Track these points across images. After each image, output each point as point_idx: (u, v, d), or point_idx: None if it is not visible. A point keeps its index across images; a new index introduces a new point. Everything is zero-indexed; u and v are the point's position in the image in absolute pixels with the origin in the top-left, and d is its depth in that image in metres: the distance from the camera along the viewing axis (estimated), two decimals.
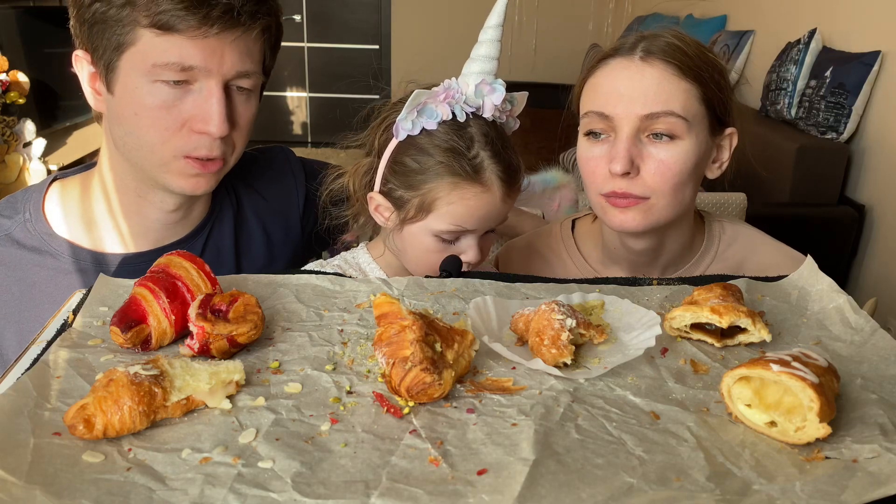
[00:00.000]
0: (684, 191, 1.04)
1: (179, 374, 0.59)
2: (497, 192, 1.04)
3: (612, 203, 1.04)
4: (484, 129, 1.04)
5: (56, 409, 0.57)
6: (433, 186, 1.03)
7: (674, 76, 1.00)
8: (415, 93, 1.02)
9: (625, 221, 1.04)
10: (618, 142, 1.02)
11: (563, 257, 1.22)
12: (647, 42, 1.03)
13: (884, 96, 2.87)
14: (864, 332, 0.72)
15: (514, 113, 1.11)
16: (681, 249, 1.14)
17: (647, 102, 1.00)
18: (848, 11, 3.13)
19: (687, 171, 1.02)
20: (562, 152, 1.55)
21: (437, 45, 6.63)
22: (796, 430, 0.56)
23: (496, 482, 0.51)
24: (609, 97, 1.03)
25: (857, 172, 3.00)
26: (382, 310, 0.64)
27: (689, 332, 0.72)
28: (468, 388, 0.63)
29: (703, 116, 1.03)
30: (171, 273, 0.72)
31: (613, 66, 1.04)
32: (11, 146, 3.43)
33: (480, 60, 1.03)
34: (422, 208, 1.04)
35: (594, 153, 1.06)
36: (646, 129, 1.01)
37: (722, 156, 1.09)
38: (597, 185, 1.06)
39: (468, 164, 1.02)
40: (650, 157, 1.01)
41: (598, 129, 1.05)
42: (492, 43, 1.03)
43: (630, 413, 0.60)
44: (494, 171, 1.03)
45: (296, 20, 6.69)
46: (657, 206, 1.03)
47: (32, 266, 1.05)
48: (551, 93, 6.19)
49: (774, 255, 1.12)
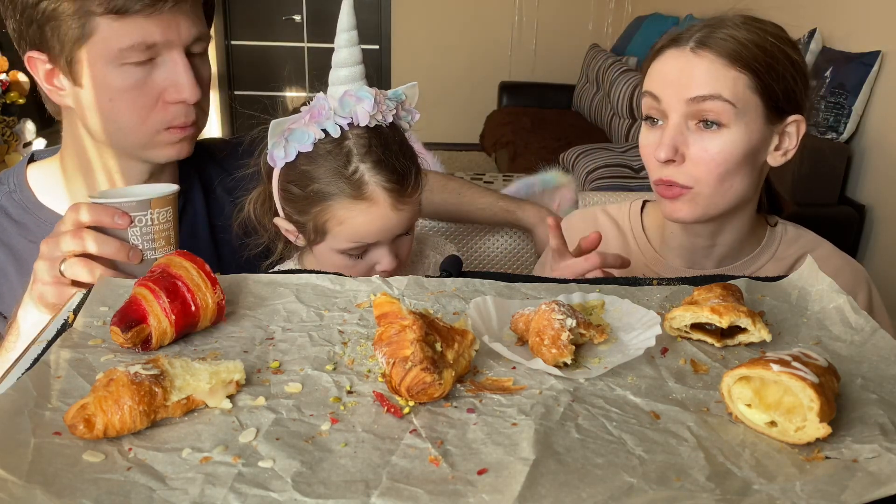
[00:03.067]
0: (732, 181, 1.03)
1: (180, 374, 0.59)
2: (385, 203, 1.01)
3: (660, 193, 1.06)
4: (363, 139, 1.01)
5: (56, 409, 0.57)
6: (319, 210, 1.02)
7: (723, 66, 1.00)
8: (272, 123, 1.00)
9: (674, 211, 1.06)
10: (666, 128, 1.03)
11: (628, 235, 1.23)
12: (704, 33, 1.03)
13: (884, 96, 2.87)
14: (864, 333, 0.72)
15: (407, 106, 1.08)
16: (738, 244, 1.14)
17: (694, 86, 1.00)
18: (848, 11, 3.13)
19: (734, 161, 1.01)
20: (562, 152, 1.55)
21: (437, 45, 6.64)
22: (796, 429, 0.56)
23: (496, 482, 0.51)
24: (660, 81, 1.05)
25: (857, 172, 3.00)
26: (383, 309, 0.64)
27: (690, 331, 0.72)
28: (468, 387, 0.63)
29: (756, 105, 1.01)
30: (171, 273, 0.72)
31: (668, 55, 1.05)
32: (11, 146, 3.44)
33: (340, 69, 1.00)
34: (317, 231, 1.04)
35: (649, 140, 1.07)
36: (694, 115, 1.01)
37: (786, 143, 1.06)
38: (651, 171, 1.08)
39: (347, 182, 0.99)
40: (695, 145, 1.02)
41: (653, 113, 1.06)
42: (347, 49, 1.00)
43: (630, 413, 0.60)
44: (377, 183, 1.00)
45: (296, 20, 6.70)
46: (702, 196, 1.03)
47: (17, 234, 1.08)
48: (551, 93, 6.25)
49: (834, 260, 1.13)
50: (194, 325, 0.71)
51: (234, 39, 6.82)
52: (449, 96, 6.70)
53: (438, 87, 6.70)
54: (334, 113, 0.99)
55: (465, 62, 6.66)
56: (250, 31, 6.79)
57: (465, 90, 6.71)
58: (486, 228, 1.67)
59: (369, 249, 1.05)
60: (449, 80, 6.68)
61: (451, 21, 6.58)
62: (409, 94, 1.07)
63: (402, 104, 1.06)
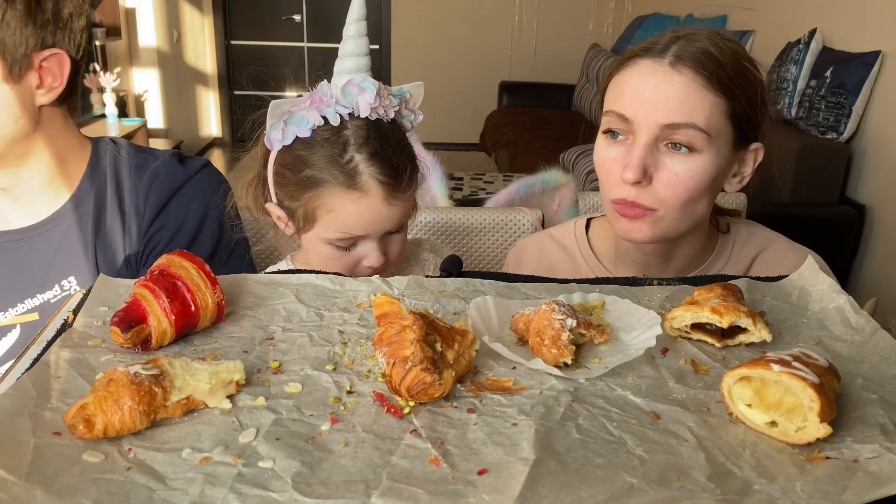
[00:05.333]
0: (696, 205, 1.01)
1: (179, 374, 0.59)
2: (377, 196, 1.00)
3: (620, 212, 1.01)
4: (362, 130, 1.00)
5: (56, 409, 0.57)
6: (311, 195, 1.01)
7: (702, 87, 0.95)
8: (272, 104, 1.00)
9: (631, 231, 1.02)
10: (634, 148, 0.98)
11: (576, 255, 1.20)
12: (680, 45, 0.98)
13: (884, 96, 2.87)
14: (864, 333, 0.72)
15: (411, 105, 1.07)
16: (692, 256, 1.12)
17: (669, 111, 0.95)
18: (848, 11, 3.13)
19: (702, 187, 0.98)
20: (562, 152, 1.55)
21: (437, 45, 6.64)
22: (797, 430, 0.55)
23: (497, 482, 0.51)
24: (632, 99, 0.98)
25: (857, 172, 3.00)
26: (383, 309, 0.64)
27: (690, 332, 0.72)
28: (468, 387, 0.63)
29: (728, 131, 0.99)
30: (171, 273, 0.72)
31: (642, 66, 0.99)
32: None
33: (346, 58, 1.00)
34: (307, 218, 1.03)
35: (610, 154, 1.02)
36: (665, 137, 0.97)
37: (744, 170, 1.05)
38: (609, 188, 1.02)
39: (341, 170, 0.99)
40: (665, 168, 0.97)
41: (617, 128, 1.01)
42: (355, 39, 0.99)
43: (630, 413, 0.60)
44: (371, 174, 0.99)
45: (296, 20, 6.70)
46: (666, 219, 1.00)
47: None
48: (551, 93, 6.26)
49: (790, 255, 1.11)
50: (194, 325, 0.71)
51: (234, 39, 6.82)
52: (449, 96, 6.71)
53: (438, 87, 6.70)
54: (336, 101, 0.99)
55: (465, 62, 6.66)
56: (250, 31, 6.79)
57: (465, 90, 6.71)
58: (486, 228, 1.67)
59: (357, 242, 1.04)
60: (449, 80, 6.69)
61: (451, 21, 6.58)
62: (414, 93, 1.07)
63: (406, 103, 1.06)
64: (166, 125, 5.58)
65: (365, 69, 1.00)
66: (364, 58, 1.00)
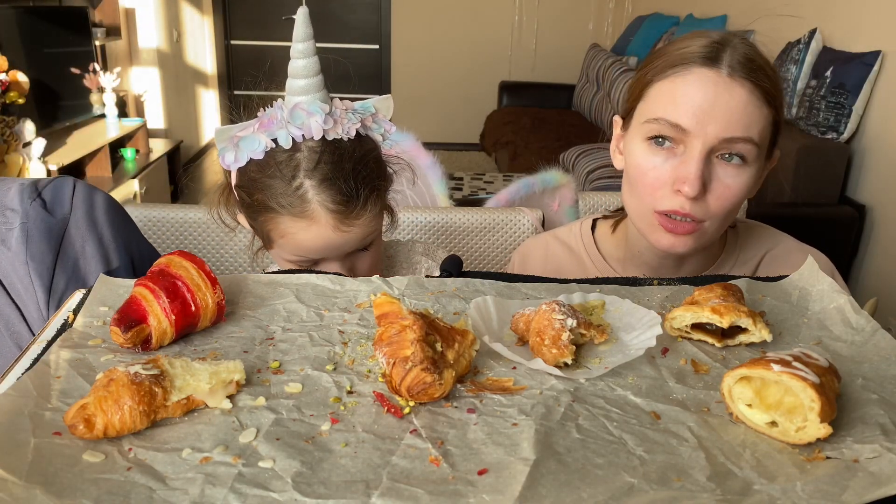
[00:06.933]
0: (734, 215, 1.01)
1: (180, 374, 0.59)
2: (327, 224, 0.96)
3: (667, 227, 0.98)
4: (314, 153, 0.96)
5: (56, 409, 0.57)
6: (264, 219, 0.99)
7: (759, 100, 0.94)
8: (216, 130, 0.97)
9: (675, 245, 0.99)
10: (689, 160, 0.95)
11: (583, 256, 1.20)
12: (730, 54, 0.95)
13: (884, 96, 2.87)
14: (864, 333, 0.72)
15: (379, 118, 1.02)
16: (705, 257, 1.13)
17: (729, 125, 0.93)
18: (848, 11, 3.13)
19: (744, 197, 0.98)
20: (562, 152, 1.54)
21: (437, 45, 6.65)
22: (797, 430, 0.55)
23: (497, 482, 0.51)
24: (688, 108, 0.95)
25: (857, 172, 3.00)
26: (383, 309, 0.64)
27: (690, 332, 0.72)
28: (469, 387, 0.63)
29: (769, 142, 0.99)
30: (171, 273, 0.72)
31: (698, 76, 0.95)
32: (11, 146, 3.43)
33: (296, 79, 0.96)
34: (265, 238, 1.01)
35: (656, 162, 0.98)
36: (720, 149, 0.95)
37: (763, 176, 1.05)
38: (654, 199, 0.99)
39: (288, 198, 0.96)
40: (717, 181, 0.96)
41: (669, 136, 0.97)
42: (303, 59, 0.95)
43: (631, 413, 0.60)
44: (320, 202, 0.96)
45: None
46: (709, 231, 0.99)
47: None
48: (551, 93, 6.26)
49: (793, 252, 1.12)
50: (194, 325, 0.71)
51: (234, 39, 6.82)
52: (449, 96, 6.71)
53: (438, 87, 6.71)
54: (287, 122, 0.95)
55: (465, 62, 6.66)
56: (250, 31, 6.79)
57: (465, 90, 6.72)
58: (486, 228, 1.68)
59: (318, 262, 1.02)
60: (449, 80, 6.69)
61: (451, 21, 6.58)
62: (381, 107, 1.03)
63: (373, 116, 1.01)
64: (166, 125, 5.59)
65: (318, 89, 0.96)
66: (315, 78, 0.95)
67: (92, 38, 4.45)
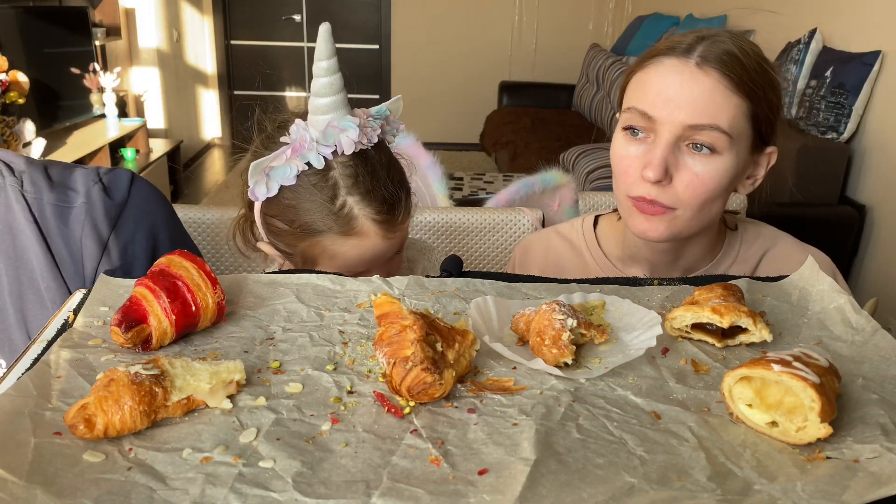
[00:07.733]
0: (712, 206, 1.01)
1: (180, 374, 0.59)
2: (376, 236, 0.97)
3: (639, 208, 1.01)
4: (349, 169, 0.96)
5: (57, 409, 0.57)
6: (308, 244, 0.98)
7: (727, 89, 0.95)
8: (251, 165, 0.94)
9: (648, 230, 1.02)
10: (655, 147, 0.98)
11: (584, 252, 1.20)
12: (706, 46, 0.97)
13: (884, 96, 2.87)
14: (865, 333, 0.72)
15: (392, 119, 1.03)
16: (702, 253, 1.13)
17: (694, 112, 0.95)
18: (848, 11, 3.13)
19: (720, 188, 0.99)
20: (562, 152, 1.55)
21: (437, 45, 6.65)
22: (797, 430, 0.55)
23: (497, 482, 0.51)
24: (656, 98, 0.98)
25: (857, 172, 3.00)
26: (383, 309, 0.64)
27: (690, 332, 0.72)
28: (469, 387, 0.63)
29: (748, 134, 0.99)
30: (171, 273, 0.72)
31: (667, 66, 0.98)
32: (11, 146, 3.43)
33: (320, 98, 0.94)
34: (306, 261, 1.00)
35: (629, 151, 1.02)
36: (687, 137, 0.97)
37: (757, 173, 1.06)
38: (626, 185, 1.02)
39: (335, 218, 0.95)
40: (685, 168, 0.98)
41: (639, 126, 1.00)
42: (328, 77, 0.94)
43: (631, 413, 0.60)
44: (367, 216, 0.96)
45: (296, 20, 6.70)
46: (682, 219, 1.00)
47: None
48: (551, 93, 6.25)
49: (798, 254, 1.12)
50: (194, 325, 0.71)
51: (234, 39, 6.82)
52: (449, 96, 6.71)
53: (438, 87, 6.71)
54: (317, 143, 0.94)
55: (465, 62, 6.67)
56: (250, 31, 6.79)
57: (465, 90, 6.72)
58: (486, 228, 1.68)
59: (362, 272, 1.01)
60: (449, 80, 6.69)
61: (451, 21, 6.59)
62: (393, 108, 1.04)
63: (388, 119, 1.02)
64: (166, 125, 5.59)
65: (342, 106, 0.95)
66: (339, 95, 0.95)
67: (92, 38, 4.46)
